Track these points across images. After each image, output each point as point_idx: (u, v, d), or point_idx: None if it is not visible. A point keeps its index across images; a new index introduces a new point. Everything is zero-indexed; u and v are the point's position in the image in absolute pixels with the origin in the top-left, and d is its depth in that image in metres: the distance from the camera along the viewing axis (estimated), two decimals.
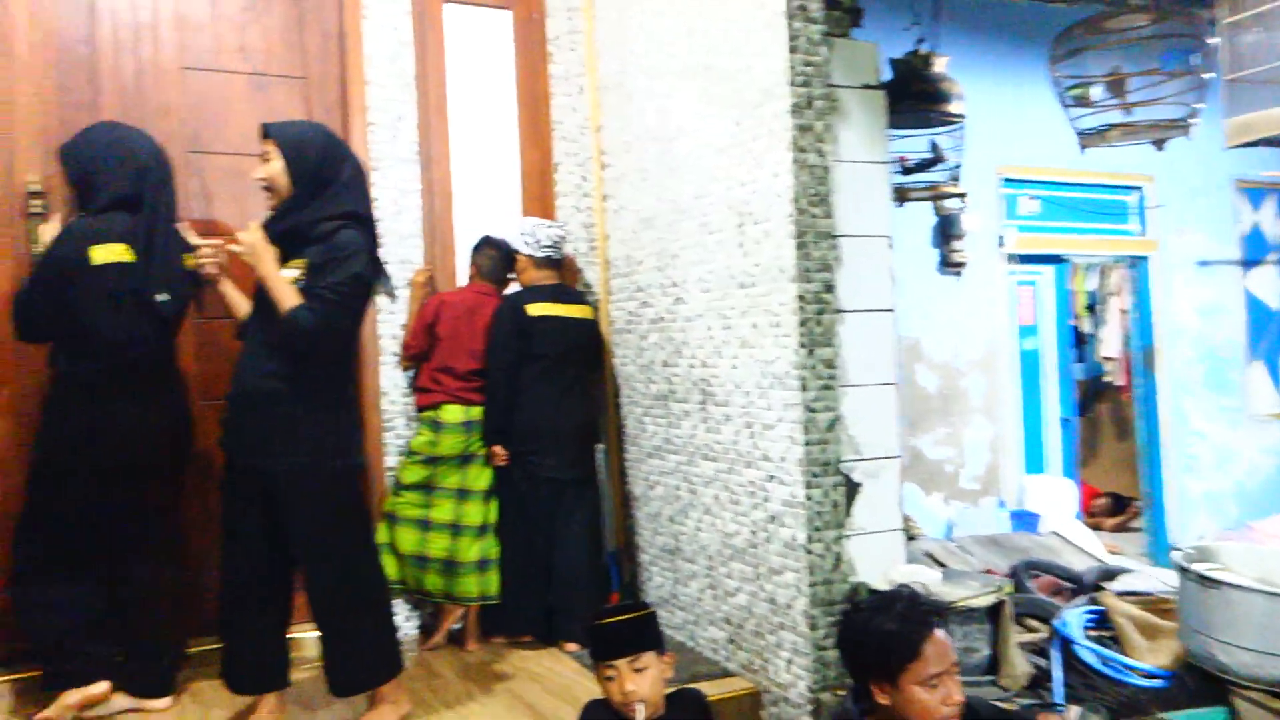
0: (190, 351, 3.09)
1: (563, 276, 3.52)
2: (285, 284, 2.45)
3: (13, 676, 2.88)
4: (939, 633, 1.87)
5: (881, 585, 2.54)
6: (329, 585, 2.52)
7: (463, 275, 3.49)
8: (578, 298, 3.46)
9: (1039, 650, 2.73)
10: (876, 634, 1.88)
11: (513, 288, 3.45)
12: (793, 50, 2.58)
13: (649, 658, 1.99)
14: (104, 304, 2.56)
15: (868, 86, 2.75)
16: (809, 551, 2.56)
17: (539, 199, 3.67)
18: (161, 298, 2.62)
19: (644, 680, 1.97)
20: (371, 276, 2.59)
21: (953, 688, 1.86)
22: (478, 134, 3.59)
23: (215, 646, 2.67)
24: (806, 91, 2.60)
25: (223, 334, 2.99)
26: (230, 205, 3.28)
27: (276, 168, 2.54)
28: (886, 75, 2.98)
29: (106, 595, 2.68)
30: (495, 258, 3.40)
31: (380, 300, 3.35)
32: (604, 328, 3.60)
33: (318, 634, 2.60)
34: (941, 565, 3.36)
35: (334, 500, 2.53)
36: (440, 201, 3.51)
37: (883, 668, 1.87)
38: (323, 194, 2.54)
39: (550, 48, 3.68)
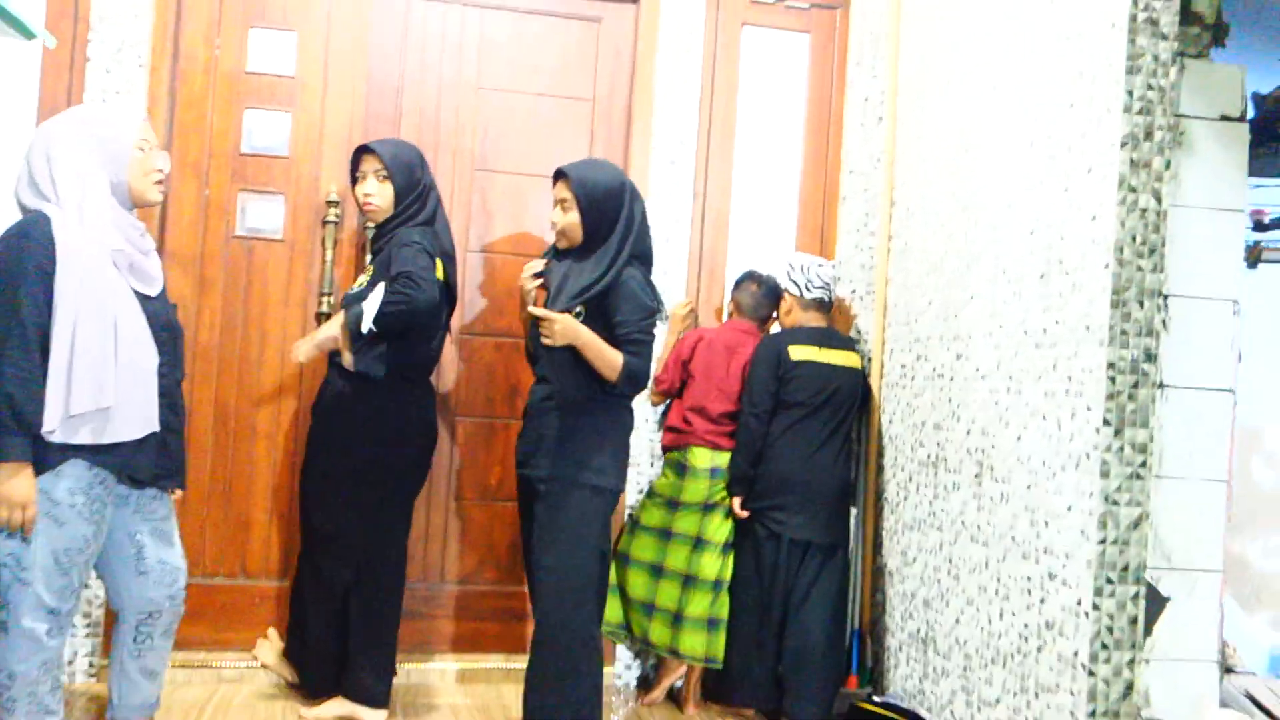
0: None
1: (832, 320, 3.24)
2: (603, 346, 2.48)
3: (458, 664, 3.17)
4: None
5: None
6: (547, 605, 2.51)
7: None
8: (846, 344, 3.16)
9: None
10: None
11: (776, 329, 3.22)
12: (1132, 71, 2.16)
13: None
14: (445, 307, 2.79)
15: (1226, 119, 2.26)
16: (1092, 673, 2.09)
17: (817, 235, 3.42)
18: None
19: None
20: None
21: None
22: (759, 163, 3.40)
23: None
24: (1145, 121, 2.16)
25: None
26: (510, 225, 3.32)
27: (572, 220, 2.56)
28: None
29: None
30: (757, 295, 3.18)
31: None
32: (874, 380, 3.27)
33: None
34: (1266, 713, 2.69)
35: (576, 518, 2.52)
36: (714, 233, 3.35)
37: None
38: (619, 248, 2.55)
39: (849, 74, 3.43)
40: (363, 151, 2.75)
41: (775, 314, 3.23)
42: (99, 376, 2.03)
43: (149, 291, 2.20)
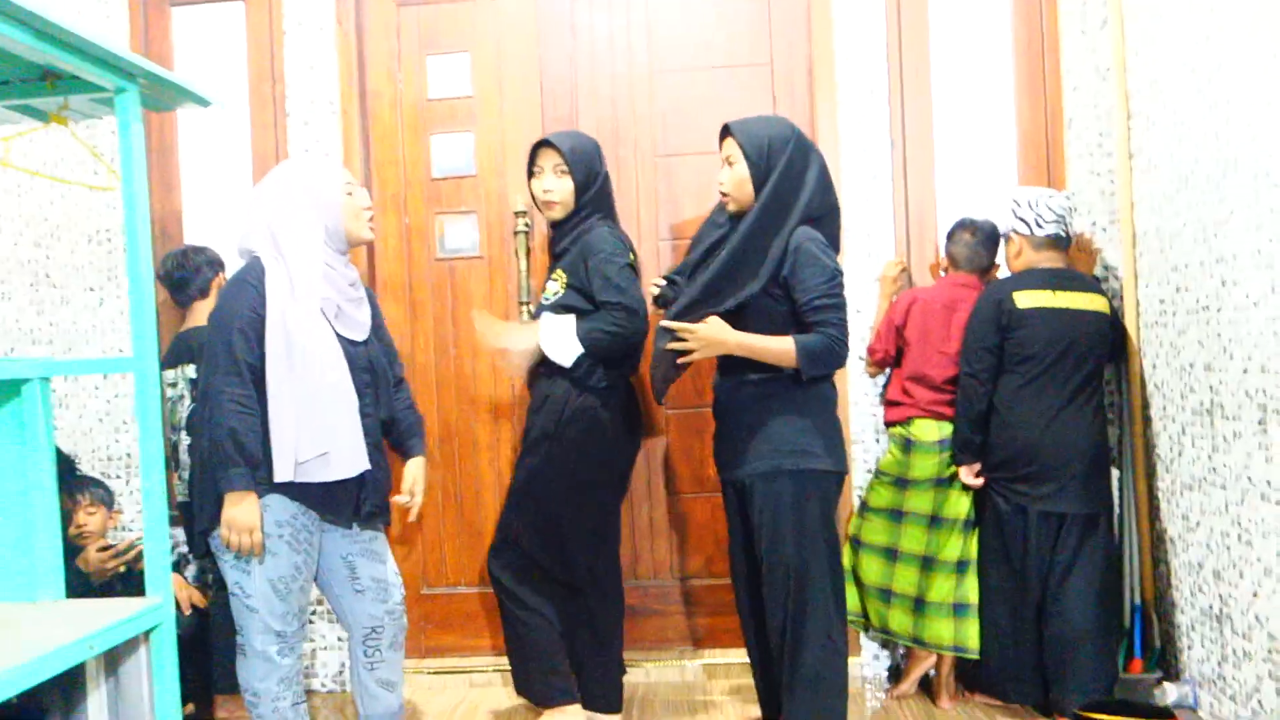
0: None
1: (1070, 260, 2.84)
2: (764, 340, 2.29)
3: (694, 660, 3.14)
4: None
5: None
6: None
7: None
8: (1087, 284, 2.75)
9: None
10: None
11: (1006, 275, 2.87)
12: None
13: None
14: None
15: None
16: None
17: (1041, 166, 3.02)
18: None
19: None
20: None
21: None
22: (963, 98, 3.05)
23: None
24: None
25: None
26: (697, 208, 3.19)
27: (740, 175, 2.36)
28: None
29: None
30: (971, 244, 2.84)
31: (848, 298, 3.02)
32: (1129, 320, 2.83)
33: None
34: None
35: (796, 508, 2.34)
36: (919, 183, 3.05)
37: None
38: (791, 206, 2.32)
39: None
40: (540, 146, 2.67)
41: (998, 262, 2.89)
42: (317, 425, 2.15)
43: (355, 337, 2.28)
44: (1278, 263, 2.08)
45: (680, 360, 2.38)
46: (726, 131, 2.41)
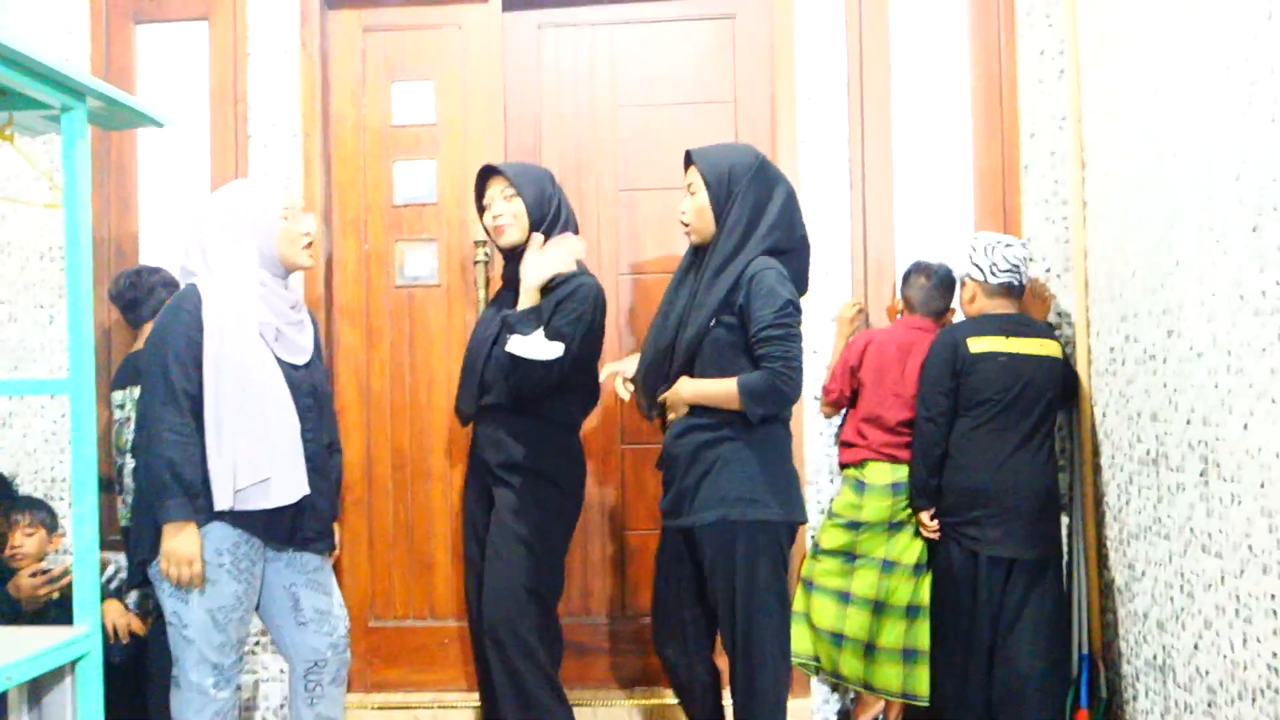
0: None
1: (1024, 306, 2.86)
2: (716, 384, 2.26)
3: (647, 701, 3.09)
4: None
5: None
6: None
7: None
8: (1039, 330, 2.76)
9: None
10: None
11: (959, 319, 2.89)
12: None
13: None
14: None
15: None
16: None
17: (998, 211, 3.04)
18: None
19: None
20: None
21: None
22: (922, 141, 3.08)
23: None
24: None
25: None
26: (658, 242, 3.20)
27: (700, 202, 2.33)
28: None
29: None
30: (927, 287, 2.86)
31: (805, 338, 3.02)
32: (1081, 367, 2.85)
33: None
34: None
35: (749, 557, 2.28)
36: (877, 224, 3.06)
37: None
38: (751, 235, 2.29)
39: (1019, 27, 3.04)
40: (485, 177, 2.59)
41: (953, 306, 2.90)
42: (257, 451, 2.13)
43: (296, 361, 2.27)
44: (1219, 315, 2.10)
45: (673, 417, 2.38)
46: (690, 159, 2.39)
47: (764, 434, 2.29)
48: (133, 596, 2.89)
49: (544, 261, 2.43)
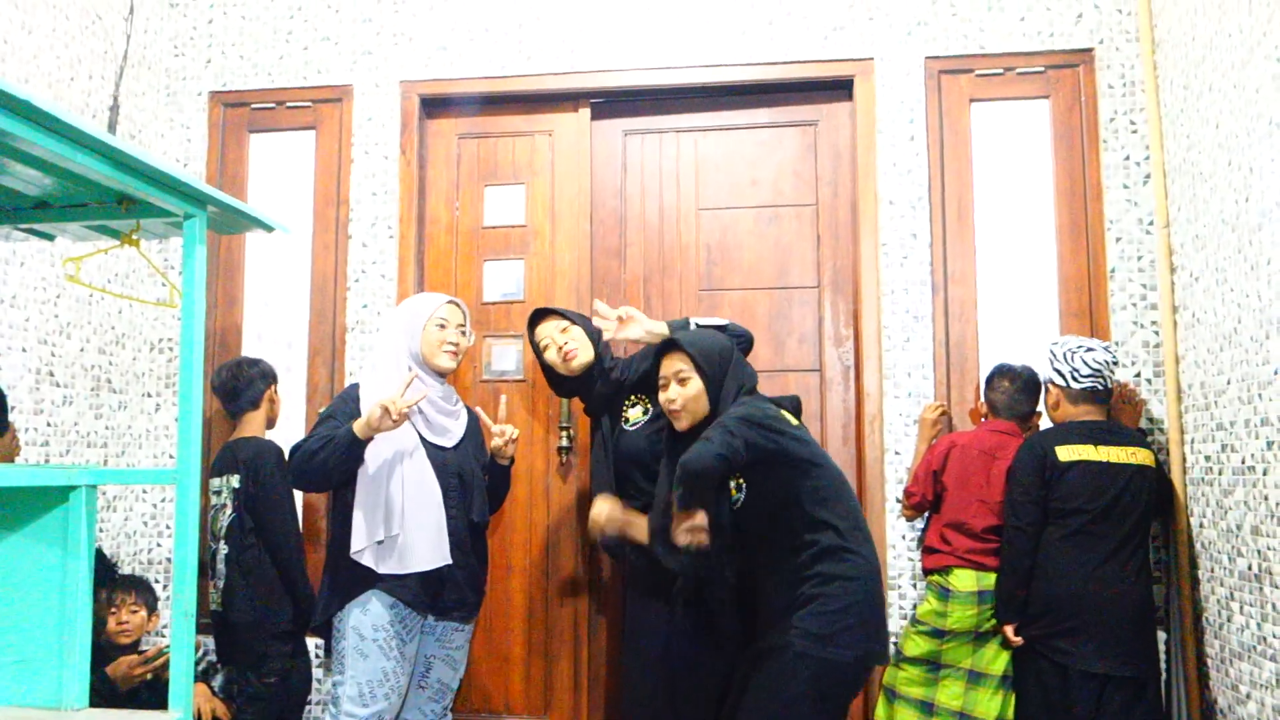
0: None
1: (1113, 411, 2.81)
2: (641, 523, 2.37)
3: None
4: None
5: None
6: None
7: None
8: (1131, 439, 2.70)
9: None
10: None
11: (1045, 424, 2.84)
12: None
13: None
14: None
15: None
16: None
17: (1084, 314, 3.01)
18: None
19: None
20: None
21: None
22: (1006, 245, 3.09)
23: None
24: None
25: None
26: None
27: (693, 390, 2.33)
28: None
29: None
30: (1010, 391, 2.83)
31: (886, 440, 3.01)
32: (1175, 476, 2.77)
33: None
34: None
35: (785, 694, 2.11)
36: (960, 326, 3.06)
37: None
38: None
39: (1102, 133, 3.05)
40: (535, 323, 2.73)
41: (1039, 410, 2.86)
42: (387, 511, 2.38)
43: (443, 443, 2.53)
44: None
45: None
46: (672, 346, 2.38)
47: (850, 567, 2.15)
48: (219, 680, 2.95)
49: None
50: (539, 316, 2.73)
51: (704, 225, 3.30)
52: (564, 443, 3.18)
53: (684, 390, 2.33)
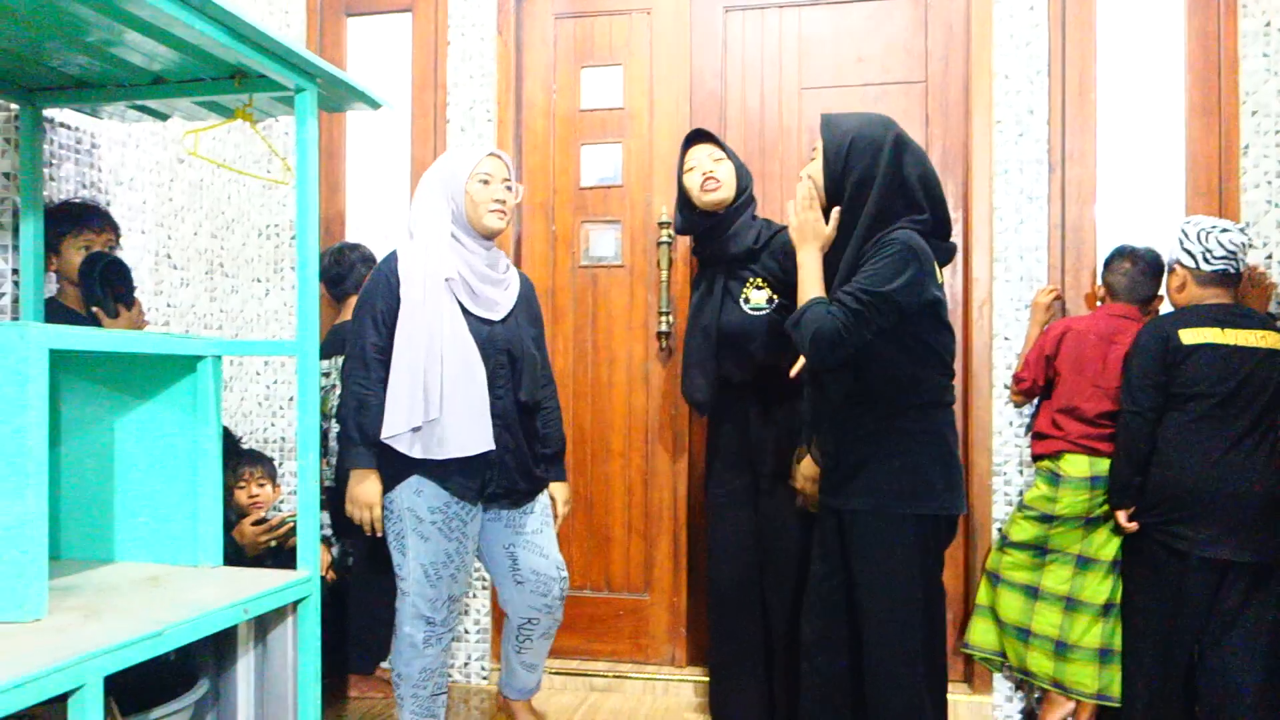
0: None
1: (1241, 296, 2.67)
2: (806, 279, 2.11)
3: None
4: None
5: None
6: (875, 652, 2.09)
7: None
8: (1259, 322, 2.57)
9: None
10: None
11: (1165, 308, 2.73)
12: None
13: None
14: None
15: None
16: None
17: (1212, 194, 2.85)
18: None
19: None
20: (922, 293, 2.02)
21: None
22: (1129, 122, 2.92)
23: None
24: None
25: None
26: None
27: (814, 167, 2.18)
28: None
29: None
30: (1132, 273, 2.71)
31: (996, 325, 2.93)
32: None
33: None
34: None
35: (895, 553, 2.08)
36: (1077, 208, 2.93)
37: None
38: (860, 201, 2.09)
39: None
40: (691, 144, 2.65)
41: (1160, 293, 2.74)
42: (425, 394, 2.19)
43: (490, 316, 2.31)
44: None
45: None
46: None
47: (932, 423, 2.09)
48: (335, 551, 3.09)
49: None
50: (696, 137, 2.65)
51: (806, 107, 3.19)
52: (663, 328, 3.17)
53: (810, 166, 2.19)
